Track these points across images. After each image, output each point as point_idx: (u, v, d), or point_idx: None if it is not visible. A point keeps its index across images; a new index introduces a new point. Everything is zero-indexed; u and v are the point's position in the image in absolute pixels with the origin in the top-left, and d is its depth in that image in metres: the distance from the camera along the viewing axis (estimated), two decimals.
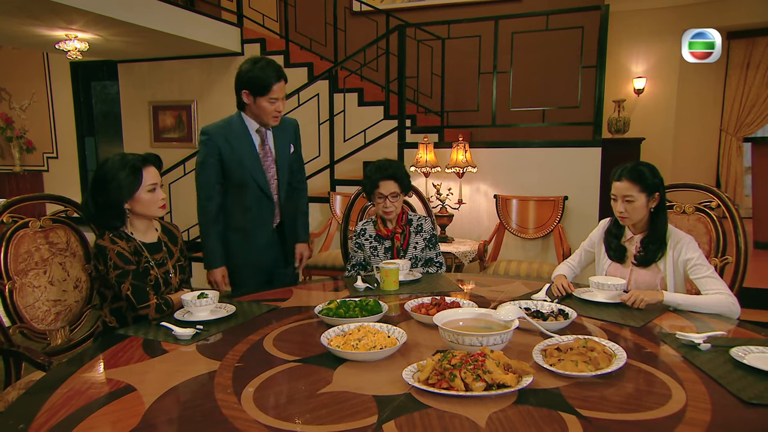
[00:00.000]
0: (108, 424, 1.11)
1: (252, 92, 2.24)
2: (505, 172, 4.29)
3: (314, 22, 5.79)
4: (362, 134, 4.70)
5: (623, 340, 1.57)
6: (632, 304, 1.83)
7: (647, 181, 1.96)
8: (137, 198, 1.83)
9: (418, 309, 1.76)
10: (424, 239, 2.55)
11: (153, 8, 4.63)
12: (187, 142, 5.83)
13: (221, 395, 1.22)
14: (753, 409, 1.14)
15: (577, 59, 4.22)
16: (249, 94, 2.25)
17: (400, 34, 4.43)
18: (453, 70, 5.02)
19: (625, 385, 1.27)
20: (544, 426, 1.08)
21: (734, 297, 1.84)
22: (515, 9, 5.76)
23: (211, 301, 1.77)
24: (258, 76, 2.21)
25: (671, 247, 1.97)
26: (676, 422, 1.09)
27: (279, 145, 2.43)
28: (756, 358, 1.35)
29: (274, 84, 2.22)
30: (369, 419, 1.11)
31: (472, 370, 1.23)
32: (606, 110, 6.17)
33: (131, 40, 5.09)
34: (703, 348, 1.46)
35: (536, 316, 1.69)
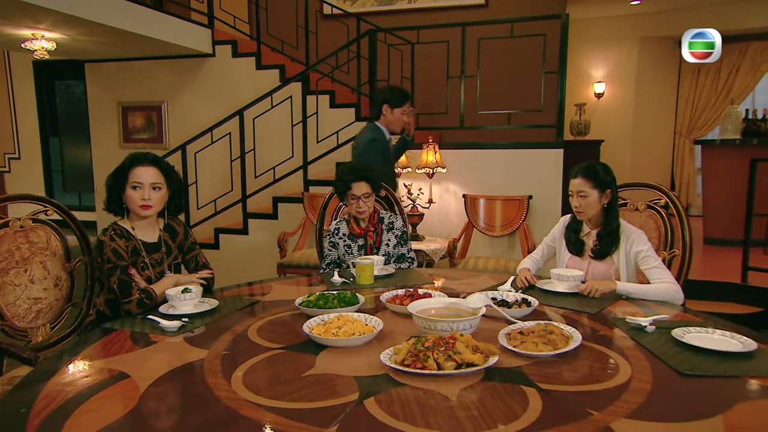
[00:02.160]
0: (106, 407, 1.19)
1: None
2: (473, 172, 4.46)
3: (285, 24, 5.84)
4: (335, 136, 4.80)
5: (580, 326, 1.72)
6: (589, 293, 1.99)
7: (600, 178, 2.13)
8: (126, 192, 1.92)
9: (393, 300, 1.88)
10: (396, 236, 2.67)
11: (122, 8, 4.61)
12: (158, 143, 5.79)
13: (212, 379, 1.31)
14: (688, 379, 1.30)
15: (541, 65, 4.42)
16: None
17: (371, 38, 4.55)
18: (422, 73, 5.17)
19: (579, 363, 1.42)
20: (507, 398, 1.21)
21: (678, 285, 2.03)
22: (482, 15, 5.95)
23: (195, 295, 1.85)
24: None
25: (624, 241, 2.15)
26: (622, 391, 1.24)
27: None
28: (693, 337, 1.52)
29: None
30: (350, 396, 1.22)
31: (443, 351, 1.35)
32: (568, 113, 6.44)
33: (99, 40, 5.04)
34: (649, 330, 1.62)
35: (502, 305, 1.83)
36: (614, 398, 1.20)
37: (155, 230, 2.05)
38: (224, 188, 5.11)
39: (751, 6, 6.54)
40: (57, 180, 7.97)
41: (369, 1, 6.36)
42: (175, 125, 5.87)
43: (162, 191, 1.99)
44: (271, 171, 4.94)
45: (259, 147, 5.03)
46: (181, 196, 2.10)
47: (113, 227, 1.94)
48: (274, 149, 5.05)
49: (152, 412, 1.18)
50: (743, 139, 5.23)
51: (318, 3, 6.01)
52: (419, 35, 4.88)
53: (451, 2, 6.10)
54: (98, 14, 4.38)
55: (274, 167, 4.93)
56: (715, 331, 1.56)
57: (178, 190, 2.07)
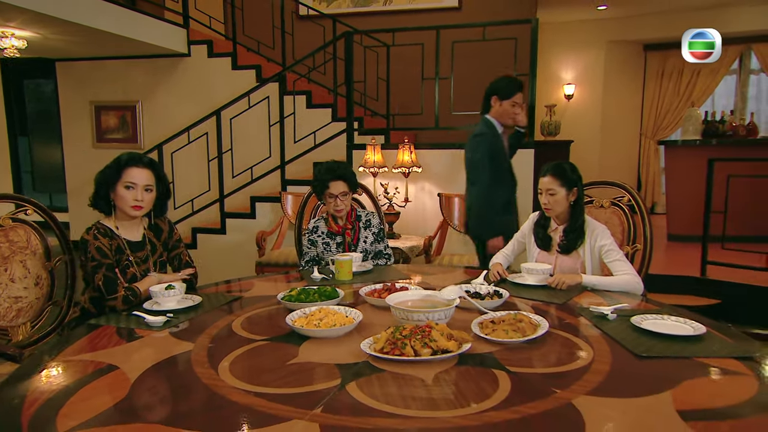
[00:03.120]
0: (98, 396, 1.23)
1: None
2: (447, 172, 4.57)
3: (261, 25, 5.87)
4: (312, 136, 4.86)
5: (548, 315, 1.83)
6: (556, 286, 2.11)
7: (567, 177, 2.26)
8: (116, 191, 1.96)
9: (371, 294, 1.96)
10: (373, 233, 2.76)
11: (95, 7, 4.58)
12: (133, 143, 5.76)
13: (199, 369, 1.37)
14: (643, 360, 1.42)
15: (512, 67, 4.56)
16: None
17: (348, 40, 4.63)
18: (398, 75, 5.26)
19: (546, 348, 1.52)
20: (480, 380, 1.31)
21: (638, 277, 2.16)
22: (455, 17, 6.07)
23: (178, 292, 1.89)
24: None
25: (588, 236, 2.28)
26: (584, 372, 1.35)
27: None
28: (650, 324, 1.65)
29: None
30: (333, 382, 1.29)
31: (420, 339, 1.44)
32: (539, 114, 6.63)
33: (72, 38, 4.99)
34: (610, 318, 1.74)
35: (475, 297, 1.92)
36: (577, 378, 1.31)
37: (140, 229, 2.09)
38: (201, 188, 5.12)
39: (710, 13, 6.85)
40: (26, 180, 7.79)
41: (345, 2, 6.43)
42: (150, 125, 5.84)
43: (153, 193, 2.03)
44: (249, 171, 4.97)
45: (237, 147, 5.05)
46: (167, 199, 2.14)
47: (96, 226, 1.97)
48: (252, 149, 5.08)
49: (144, 400, 1.24)
50: (703, 139, 5.47)
51: (294, 4, 6.05)
52: (395, 38, 4.98)
53: (425, 5, 6.21)
54: (70, 13, 4.35)
55: (252, 167, 4.96)
56: (669, 318, 1.69)
57: (166, 193, 2.11)
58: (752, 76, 7.43)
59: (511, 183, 3.15)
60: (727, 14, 6.85)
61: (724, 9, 6.80)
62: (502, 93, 3.02)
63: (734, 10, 6.78)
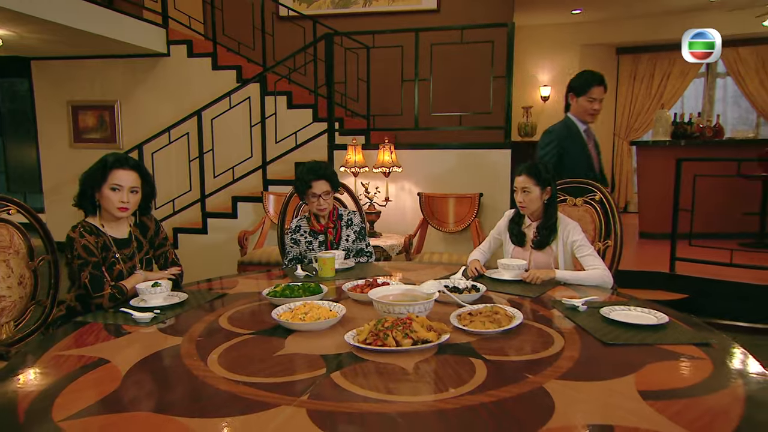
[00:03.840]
0: (92, 387, 1.28)
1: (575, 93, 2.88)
2: (427, 171, 4.66)
3: (241, 25, 5.88)
4: (293, 136, 4.90)
5: (523, 308, 1.92)
6: (531, 280, 2.21)
7: (541, 176, 2.36)
8: (102, 192, 1.98)
9: (354, 289, 2.02)
10: (355, 232, 2.82)
11: (72, 6, 4.55)
12: (111, 143, 5.71)
13: (189, 361, 1.42)
14: (610, 348, 1.51)
15: (489, 69, 4.68)
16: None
17: (328, 42, 4.68)
18: (378, 76, 5.33)
19: (521, 338, 1.61)
20: (458, 368, 1.38)
21: (608, 271, 2.27)
22: (434, 19, 6.16)
23: (165, 289, 1.93)
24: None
25: (561, 232, 2.38)
26: (555, 359, 1.44)
27: (596, 142, 3.02)
28: (618, 314, 1.75)
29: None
30: (319, 371, 1.36)
31: (401, 330, 1.51)
32: (516, 115, 6.77)
33: (48, 37, 4.94)
34: (581, 309, 1.84)
35: (453, 291, 2.00)
36: (548, 365, 1.40)
37: (125, 226, 2.12)
38: (182, 188, 5.11)
39: (679, 19, 7.09)
40: (0, 181, 7.65)
41: (325, 3, 6.47)
42: (129, 125, 5.80)
43: (138, 195, 2.07)
44: (230, 171, 4.99)
45: (218, 147, 5.06)
46: (151, 199, 2.17)
47: (82, 224, 2.00)
48: (233, 149, 5.10)
49: (136, 390, 1.28)
50: (672, 140, 5.68)
51: (274, 5, 6.07)
52: (374, 40, 5.04)
53: (404, 7, 6.29)
54: (47, 11, 4.31)
55: (233, 167, 4.98)
56: (635, 309, 1.79)
57: (150, 194, 2.15)
58: (719, 80, 7.71)
59: (591, 176, 2.90)
60: (696, 20, 7.08)
61: (693, 15, 7.05)
62: (577, 89, 2.93)
63: (702, 16, 7.03)
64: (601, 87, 2.88)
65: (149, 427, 1.10)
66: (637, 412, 1.13)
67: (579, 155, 2.88)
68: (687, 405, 1.17)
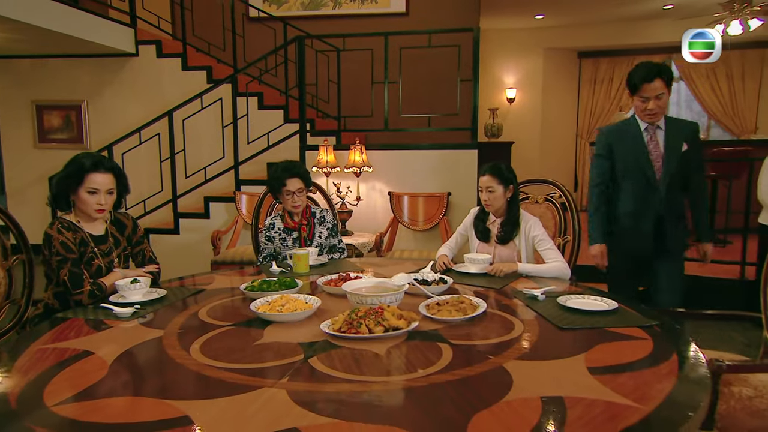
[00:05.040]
0: (79, 376, 1.34)
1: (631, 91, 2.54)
2: (397, 171, 4.79)
3: (211, 26, 5.88)
4: (265, 137, 4.95)
5: (488, 298, 2.06)
6: (495, 273, 2.35)
7: (504, 176, 2.50)
8: (78, 194, 2.01)
9: (328, 283, 2.12)
10: (327, 229, 2.92)
11: (35, 4, 4.48)
12: (78, 143, 5.64)
13: (172, 351, 1.50)
14: (565, 332, 1.65)
15: (456, 72, 4.83)
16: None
17: (299, 45, 4.75)
18: (349, 78, 5.43)
19: (484, 324, 1.74)
20: (426, 351, 1.50)
21: (566, 264, 2.43)
22: (403, 22, 6.27)
23: (143, 285, 1.99)
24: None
25: (523, 227, 2.54)
26: (515, 342, 1.57)
27: (670, 141, 2.55)
28: (573, 302, 1.90)
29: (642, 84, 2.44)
30: (297, 357, 1.45)
31: (373, 318, 1.62)
32: (482, 117, 6.96)
33: (10, 35, 4.86)
34: (540, 298, 1.98)
35: (422, 283, 2.12)
36: (508, 347, 1.53)
37: (101, 223, 2.16)
38: (153, 188, 5.10)
39: (636, 25, 7.43)
40: None
41: (294, 5, 6.52)
42: (96, 125, 5.73)
43: (114, 195, 2.11)
44: (202, 171, 5.00)
45: (189, 148, 5.07)
46: (124, 195, 2.22)
47: (59, 221, 2.03)
48: (205, 150, 5.11)
49: (124, 377, 1.35)
50: None
51: (243, 6, 6.09)
52: (345, 43, 5.14)
53: (374, 10, 6.40)
54: (9, 10, 4.26)
55: (205, 167, 5.00)
56: (589, 297, 1.95)
57: (123, 192, 2.19)
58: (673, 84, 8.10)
59: (646, 191, 2.56)
60: (651, 26, 7.45)
61: (650, 21, 7.39)
62: (631, 88, 2.54)
63: (657, 22, 7.38)
64: (650, 83, 2.41)
65: (141, 408, 1.18)
66: (584, 385, 1.27)
67: (630, 156, 2.58)
68: (628, 378, 1.31)
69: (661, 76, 2.42)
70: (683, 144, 2.56)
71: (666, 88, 2.46)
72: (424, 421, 1.12)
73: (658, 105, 2.45)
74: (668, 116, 2.59)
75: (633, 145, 2.57)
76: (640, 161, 2.55)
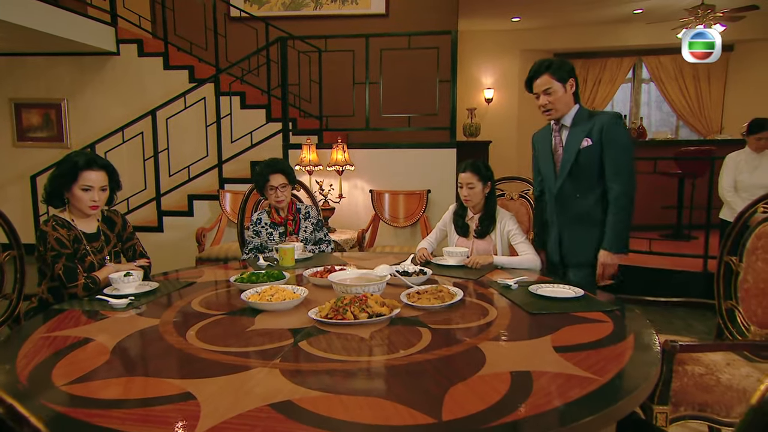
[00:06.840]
0: (83, 360, 1.43)
1: None
2: (378, 169, 4.91)
3: (193, 25, 5.92)
4: (248, 136, 5.02)
5: (465, 288, 2.19)
6: (472, 265, 2.49)
7: (482, 173, 2.65)
8: (72, 192, 2.09)
9: (314, 275, 2.24)
10: (312, 224, 3.03)
11: (15, 1, 4.47)
12: (58, 142, 5.61)
13: (169, 337, 1.59)
14: (535, 316, 1.79)
15: (435, 73, 4.97)
16: None
17: (282, 45, 4.84)
18: (330, 78, 5.52)
19: (461, 311, 1.87)
20: (407, 335, 1.62)
21: (538, 256, 2.58)
22: (383, 23, 6.39)
23: (136, 278, 2.07)
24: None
25: (499, 222, 2.68)
26: (489, 326, 1.70)
27: (570, 139, 2.40)
28: (543, 290, 2.05)
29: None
30: (287, 341, 1.56)
31: (358, 306, 1.74)
32: (461, 117, 7.12)
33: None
34: (513, 287, 2.13)
35: (404, 275, 2.25)
36: (483, 330, 1.66)
37: (94, 221, 2.24)
38: (137, 187, 5.12)
39: (609, 28, 7.68)
40: None
41: (276, 5, 6.58)
42: (77, 124, 5.72)
43: (107, 191, 2.19)
44: (186, 170, 5.05)
45: (173, 146, 5.11)
46: (116, 192, 2.30)
47: (54, 218, 2.10)
48: (188, 148, 5.16)
49: (126, 360, 1.45)
50: None
51: (225, 5, 6.14)
52: (327, 44, 5.24)
53: (354, 11, 6.50)
54: None
55: (189, 166, 5.04)
56: (558, 286, 2.10)
57: (116, 188, 2.27)
58: (644, 85, 8.39)
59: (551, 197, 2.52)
60: (623, 30, 7.71)
61: (621, 25, 7.65)
62: (526, 88, 2.49)
63: (629, 26, 7.64)
64: (541, 78, 2.38)
65: (145, 386, 1.27)
66: (550, 361, 1.41)
67: (541, 159, 2.58)
68: (589, 354, 1.46)
69: (549, 71, 2.34)
70: (583, 140, 2.36)
71: (556, 82, 2.34)
72: (405, 393, 1.24)
73: (549, 100, 2.35)
74: (581, 111, 2.42)
75: (544, 147, 2.51)
76: (547, 164, 2.47)
